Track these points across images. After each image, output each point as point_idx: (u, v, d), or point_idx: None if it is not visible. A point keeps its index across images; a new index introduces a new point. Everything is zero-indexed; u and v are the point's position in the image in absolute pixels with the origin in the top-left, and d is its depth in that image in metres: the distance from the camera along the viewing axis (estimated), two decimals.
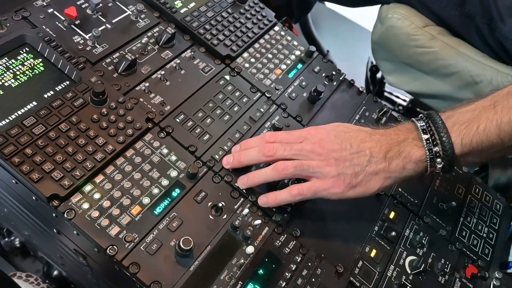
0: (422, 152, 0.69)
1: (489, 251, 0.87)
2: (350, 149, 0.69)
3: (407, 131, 0.72)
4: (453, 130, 0.68)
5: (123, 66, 0.76)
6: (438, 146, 0.68)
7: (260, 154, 0.71)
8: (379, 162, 0.69)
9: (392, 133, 0.72)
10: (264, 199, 0.72)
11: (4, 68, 0.68)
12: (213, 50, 0.87)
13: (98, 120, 0.68)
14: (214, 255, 0.65)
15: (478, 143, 0.68)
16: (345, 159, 0.69)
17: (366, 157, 0.69)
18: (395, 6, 1.17)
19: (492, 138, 0.67)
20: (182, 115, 0.77)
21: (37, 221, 0.72)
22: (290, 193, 0.70)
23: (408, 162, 0.69)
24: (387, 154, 0.69)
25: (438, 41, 1.12)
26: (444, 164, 0.69)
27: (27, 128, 0.63)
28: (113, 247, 0.60)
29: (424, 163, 0.69)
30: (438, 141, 0.68)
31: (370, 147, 0.70)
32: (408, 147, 0.69)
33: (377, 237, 0.78)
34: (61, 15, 0.77)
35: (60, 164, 0.62)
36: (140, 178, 0.67)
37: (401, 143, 0.70)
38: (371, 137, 0.71)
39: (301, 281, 0.67)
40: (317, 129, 0.73)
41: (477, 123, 0.68)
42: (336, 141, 0.70)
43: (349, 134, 0.71)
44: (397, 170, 0.69)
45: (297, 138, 0.72)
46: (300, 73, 0.93)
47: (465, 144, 0.68)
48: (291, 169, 0.69)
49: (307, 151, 0.69)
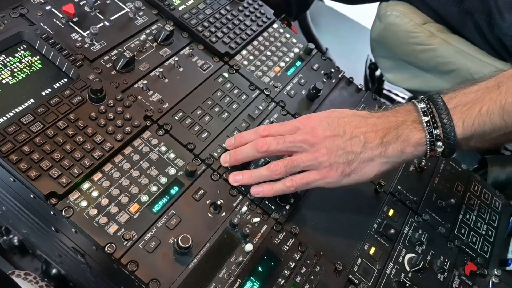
0: (422, 135, 0.66)
1: (488, 248, 0.87)
2: (344, 136, 0.68)
3: (406, 112, 0.69)
4: (455, 111, 0.66)
5: (121, 64, 0.76)
6: (438, 129, 0.66)
7: (254, 150, 0.70)
8: (374, 148, 0.67)
9: (390, 115, 0.70)
10: (259, 189, 0.71)
11: (2, 66, 0.68)
12: (212, 47, 0.87)
13: (96, 118, 0.68)
14: (212, 253, 0.65)
15: (481, 125, 0.65)
16: (337, 147, 0.67)
17: (360, 144, 0.67)
18: (394, 3, 1.17)
19: (495, 120, 0.65)
20: (180, 113, 0.77)
21: (35, 219, 0.72)
22: (284, 184, 0.70)
23: (407, 145, 0.67)
24: (383, 138, 0.67)
25: (437, 38, 1.12)
26: (444, 147, 0.66)
27: (25, 125, 0.63)
28: (112, 245, 0.60)
29: (424, 146, 0.67)
30: (438, 123, 0.66)
31: (365, 132, 0.68)
32: (407, 130, 0.67)
33: (376, 234, 0.78)
34: (59, 12, 0.77)
35: (58, 162, 0.62)
36: (139, 175, 0.67)
37: (400, 126, 0.67)
38: (366, 121, 0.69)
39: (300, 279, 0.67)
40: (310, 117, 0.71)
41: (480, 105, 0.65)
42: (329, 128, 0.68)
43: (343, 120, 0.69)
44: (394, 154, 0.67)
45: (290, 129, 0.71)
46: (299, 70, 0.93)
47: (467, 126, 0.65)
48: (282, 168, 0.69)
49: (300, 142, 0.69)
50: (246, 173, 0.72)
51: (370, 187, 0.84)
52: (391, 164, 0.69)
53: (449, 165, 0.95)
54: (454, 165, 0.95)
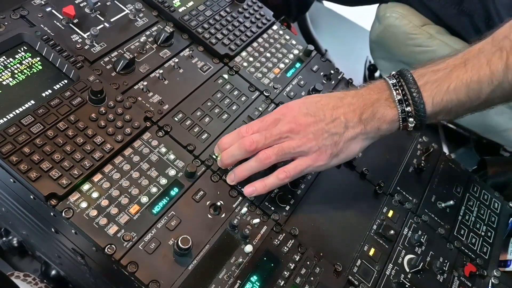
0: (395, 112, 0.70)
1: (487, 249, 0.87)
2: (325, 119, 0.69)
3: (379, 90, 0.72)
4: (425, 89, 0.69)
5: (122, 65, 0.76)
6: (410, 106, 0.69)
7: (242, 150, 0.70)
8: (355, 127, 0.70)
9: (364, 93, 0.72)
10: (251, 188, 0.71)
11: (2, 67, 0.68)
12: (212, 49, 0.87)
13: (96, 119, 0.68)
14: (212, 254, 0.65)
15: (448, 102, 0.69)
16: (322, 131, 0.69)
17: (342, 124, 0.69)
18: (393, 5, 1.17)
19: (462, 97, 0.68)
20: (180, 114, 0.77)
21: (35, 220, 0.72)
22: (277, 177, 0.70)
23: (383, 122, 0.70)
24: (361, 116, 0.70)
25: (436, 40, 1.12)
26: (416, 122, 0.70)
27: (25, 127, 0.63)
28: (111, 246, 0.60)
29: (397, 122, 0.71)
30: (410, 100, 0.69)
31: (344, 112, 0.70)
32: (381, 108, 0.70)
33: (375, 235, 0.78)
34: (59, 13, 0.77)
35: (58, 163, 0.62)
36: (139, 177, 0.67)
37: (374, 103, 0.70)
38: (342, 102, 0.71)
39: (300, 280, 0.67)
40: (288, 106, 0.72)
41: (448, 82, 0.68)
42: (309, 113, 0.70)
43: (320, 103, 0.71)
44: (372, 131, 0.71)
45: (272, 122, 0.71)
46: (299, 72, 0.93)
47: (436, 103, 0.69)
48: (273, 156, 0.69)
49: (286, 132, 0.69)
50: (237, 169, 0.72)
51: (369, 188, 0.84)
52: (370, 140, 0.72)
53: (448, 166, 0.95)
54: (453, 166, 0.96)
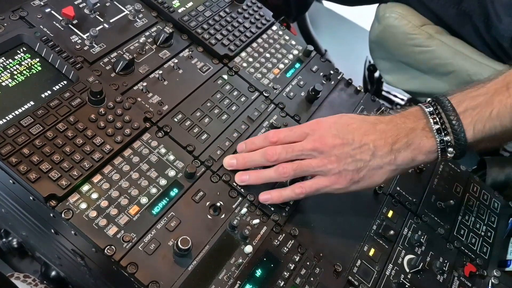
0: (433, 142, 0.66)
1: (487, 249, 0.87)
2: (353, 143, 0.67)
3: (415, 118, 0.69)
4: (465, 116, 0.65)
5: (121, 66, 0.76)
6: (449, 135, 0.65)
7: (264, 159, 0.71)
8: (384, 156, 0.67)
9: (399, 121, 0.69)
10: (267, 196, 0.71)
11: (2, 68, 0.68)
12: (211, 49, 0.87)
13: (95, 120, 0.68)
14: (212, 255, 0.65)
15: (491, 129, 0.65)
16: (346, 155, 0.67)
17: (370, 152, 0.67)
18: (392, 5, 1.17)
19: (506, 123, 0.64)
20: (180, 115, 0.77)
21: (35, 221, 0.72)
22: (293, 191, 0.70)
23: (419, 153, 0.67)
24: (393, 146, 0.67)
25: (435, 40, 1.12)
26: (455, 152, 0.66)
27: (25, 128, 0.63)
28: (111, 247, 0.60)
29: (435, 153, 0.67)
30: (449, 129, 0.65)
31: (374, 139, 0.67)
32: (417, 138, 0.66)
33: (375, 236, 0.78)
34: (58, 14, 0.77)
35: (57, 164, 0.62)
36: (138, 177, 0.67)
37: (410, 134, 0.67)
38: (375, 128, 0.68)
39: (300, 280, 0.67)
40: (319, 123, 0.71)
41: (490, 108, 0.64)
42: (338, 135, 0.68)
43: (352, 127, 0.69)
44: (405, 162, 0.67)
45: (300, 135, 0.71)
46: (298, 72, 0.93)
47: (478, 131, 0.65)
48: (291, 172, 0.69)
49: (309, 150, 0.69)
50: (252, 173, 0.72)
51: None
52: (400, 171, 0.69)
53: (448, 167, 0.95)
54: (453, 166, 0.96)
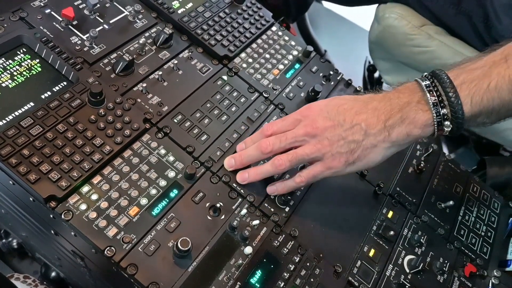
0: (429, 115, 0.64)
1: (487, 249, 0.87)
2: (344, 124, 0.67)
3: (410, 92, 0.67)
4: (462, 89, 0.63)
5: (121, 67, 0.76)
6: (446, 108, 0.63)
7: (259, 152, 0.71)
8: (377, 134, 0.66)
9: (392, 96, 0.67)
10: (273, 187, 0.73)
11: (1, 69, 0.68)
12: (211, 50, 0.87)
13: (95, 121, 0.68)
14: (212, 256, 0.65)
15: (489, 101, 0.63)
16: (339, 137, 0.66)
17: (362, 131, 0.66)
18: (392, 5, 1.17)
19: (504, 95, 0.62)
20: (179, 116, 0.77)
21: (35, 222, 0.72)
22: (295, 181, 0.71)
23: (414, 128, 0.65)
24: (386, 122, 0.65)
25: (435, 40, 1.13)
26: (452, 126, 0.64)
27: (24, 129, 0.63)
28: (111, 248, 0.60)
29: (431, 127, 0.65)
30: (446, 102, 0.63)
31: (366, 118, 0.66)
32: (412, 111, 0.65)
33: (375, 236, 0.78)
34: (58, 15, 0.77)
35: (57, 165, 0.62)
36: (138, 178, 0.67)
37: (404, 108, 0.65)
38: (367, 107, 0.67)
39: (300, 281, 0.67)
40: (310, 108, 0.71)
41: (488, 80, 0.62)
42: (329, 117, 0.67)
43: (343, 107, 0.68)
44: (400, 138, 0.66)
45: (292, 122, 0.71)
46: (298, 73, 0.93)
47: (475, 103, 0.63)
48: (287, 163, 0.69)
49: (301, 136, 0.69)
50: (251, 170, 0.73)
51: (369, 188, 0.84)
52: (396, 148, 0.68)
53: (448, 167, 0.95)
54: (453, 166, 0.96)
